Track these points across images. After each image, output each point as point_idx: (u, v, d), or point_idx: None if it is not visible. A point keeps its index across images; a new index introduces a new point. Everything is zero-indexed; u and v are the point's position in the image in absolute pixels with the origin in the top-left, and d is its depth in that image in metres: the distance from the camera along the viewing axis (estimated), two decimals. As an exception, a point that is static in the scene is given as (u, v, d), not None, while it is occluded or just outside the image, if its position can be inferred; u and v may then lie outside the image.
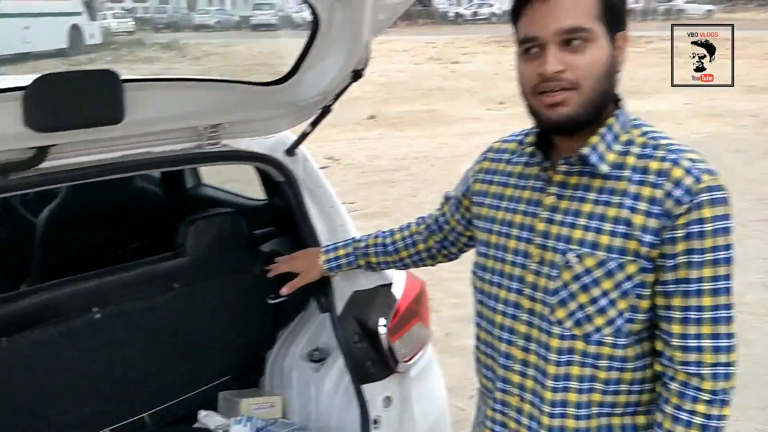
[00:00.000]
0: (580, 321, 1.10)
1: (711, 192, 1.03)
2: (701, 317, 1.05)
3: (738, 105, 11.48)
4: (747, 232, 5.30)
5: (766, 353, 3.48)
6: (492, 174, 1.28)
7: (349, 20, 1.38)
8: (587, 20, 1.04)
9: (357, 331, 1.69)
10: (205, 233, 1.91)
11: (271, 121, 1.76)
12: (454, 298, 4.29)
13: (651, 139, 1.10)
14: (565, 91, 1.04)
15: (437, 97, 13.38)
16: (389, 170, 7.65)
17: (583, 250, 1.09)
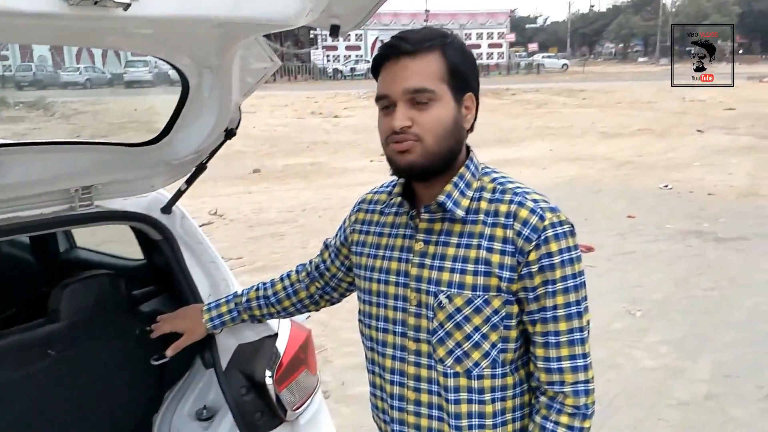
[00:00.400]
0: (459, 358, 1.18)
1: (554, 228, 1.15)
2: (559, 341, 1.17)
3: (595, 150, 12.72)
4: (611, 265, 5.85)
5: (634, 376, 3.82)
6: (368, 225, 1.34)
7: (218, 84, 1.44)
8: (431, 82, 1.14)
9: (244, 384, 1.70)
10: (80, 296, 1.84)
11: (145, 180, 1.76)
12: (347, 347, 4.33)
13: (499, 184, 1.21)
14: (410, 141, 1.14)
15: (320, 150, 13.62)
16: (277, 223, 7.63)
17: (452, 290, 1.17)
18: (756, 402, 3.52)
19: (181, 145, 1.67)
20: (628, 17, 72.94)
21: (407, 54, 1.14)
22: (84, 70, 38.82)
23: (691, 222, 7.25)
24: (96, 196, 1.70)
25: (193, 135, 1.62)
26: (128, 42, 1.22)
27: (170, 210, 1.85)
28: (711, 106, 20.10)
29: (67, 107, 23.54)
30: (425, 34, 1.16)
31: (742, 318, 4.63)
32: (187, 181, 1.77)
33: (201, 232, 1.91)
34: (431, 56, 1.14)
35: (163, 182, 1.81)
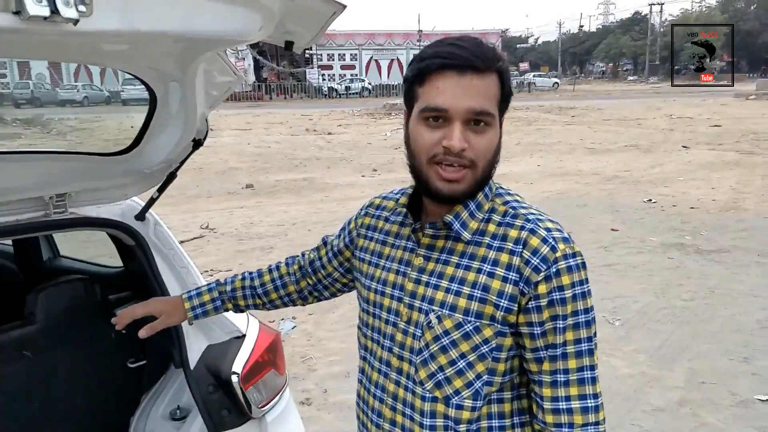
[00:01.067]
0: (440, 383, 1.12)
1: (567, 260, 1.07)
2: (569, 379, 1.08)
3: (583, 165, 12.87)
4: (594, 277, 5.87)
5: (611, 383, 3.88)
6: (373, 231, 1.29)
7: (184, 96, 1.52)
8: (492, 106, 1.07)
9: (211, 383, 1.77)
10: (55, 300, 1.91)
11: (118, 188, 1.85)
12: (331, 356, 4.40)
13: (511, 208, 1.14)
14: (463, 168, 1.07)
15: (313, 165, 13.73)
16: (266, 236, 7.70)
17: (443, 311, 1.11)
18: (729, 408, 3.59)
19: (152, 155, 1.75)
20: (618, 37, 73.94)
21: (476, 71, 1.05)
22: (81, 88, 39.05)
23: (674, 235, 7.35)
24: (70, 203, 1.78)
25: (162, 145, 1.71)
26: (90, 56, 1.31)
27: (144, 217, 1.93)
28: (697, 123, 20.34)
29: (64, 124, 23.69)
30: (488, 51, 1.08)
31: (718, 328, 4.71)
32: (159, 189, 1.85)
33: (174, 238, 1.99)
34: (493, 78, 1.07)
35: (136, 190, 1.89)
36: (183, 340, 1.81)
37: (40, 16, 0.84)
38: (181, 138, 1.66)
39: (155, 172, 1.81)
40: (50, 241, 2.91)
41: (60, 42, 1.02)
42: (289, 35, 1.37)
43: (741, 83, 40.75)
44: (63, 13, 0.86)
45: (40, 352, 1.90)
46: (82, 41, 1.05)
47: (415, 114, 1.10)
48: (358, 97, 45.19)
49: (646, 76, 65.05)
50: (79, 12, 0.88)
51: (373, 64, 55.63)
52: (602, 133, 18.76)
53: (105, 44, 1.10)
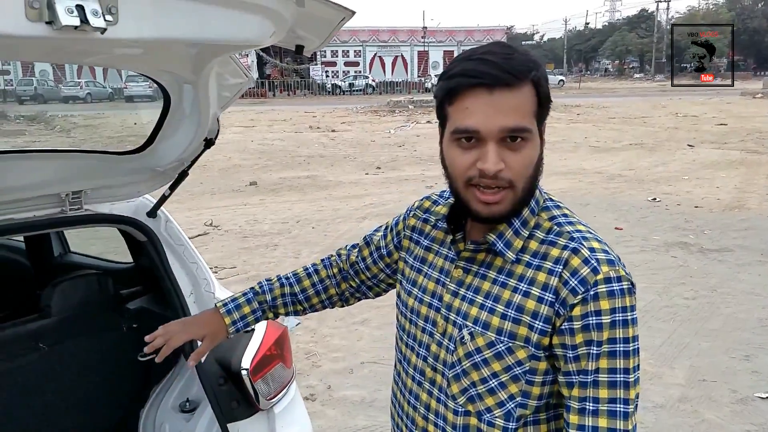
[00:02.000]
0: (473, 398, 1.09)
1: (609, 284, 0.99)
2: (597, 409, 1.00)
3: (586, 164, 12.88)
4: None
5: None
6: (419, 234, 1.26)
7: (197, 98, 1.57)
8: (528, 120, 1.01)
9: (221, 375, 1.82)
10: (70, 294, 1.97)
11: (131, 186, 1.90)
12: (334, 353, 4.46)
13: (557, 225, 1.08)
14: (501, 190, 1.02)
15: (317, 163, 13.78)
16: (270, 234, 7.76)
17: (476, 328, 1.07)
18: (729, 405, 3.63)
19: (165, 154, 1.81)
20: (624, 34, 73.73)
21: (505, 85, 0.98)
22: (85, 85, 39.23)
23: (677, 234, 7.38)
24: (85, 200, 1.84)
25: (175, 144, 1.76)
26: (111, 60, 1.36)
27: (155, 214, 1.98)
28: (703, 122, 20.31)
29: (67, 121, 23.80)
30: (520, 61, 1.00)
31: (719, 326, 4.75)
32: (171, 187, 1.91)
33: (184, 234, 2.05)
34: (526, 88, 1.00)
35: (148, 188, 1.95)
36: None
37: (71, 26, 0.89)
38: (193, 138, 1.71)
39: (167, 170, 1.87)
40: (61, 238, 2.98)
41: (86, 49, 1.07)
42: (300, 40, 1.42)
43: (747, 82, 40.69)
44: (92, 23, 0.91)
45: (55, 345, 1.96)
46: (107, 47, 1.10)
47: (447, 135, 1.06)
48: (362, 94, 45.21)
49: (652, 74, 64.92)
50: (106, 21, 0.94)
51: (377, 60, 55.64)
52: (607, 131, 18.76)
53: (126, 50, 1.16)
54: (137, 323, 2.15)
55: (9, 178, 1.62)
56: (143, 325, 2.20)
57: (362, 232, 7.81)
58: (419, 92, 44.31)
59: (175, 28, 1.09)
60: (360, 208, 9.14)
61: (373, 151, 15.41)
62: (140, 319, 2.14)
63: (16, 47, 0.99)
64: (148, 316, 2.14)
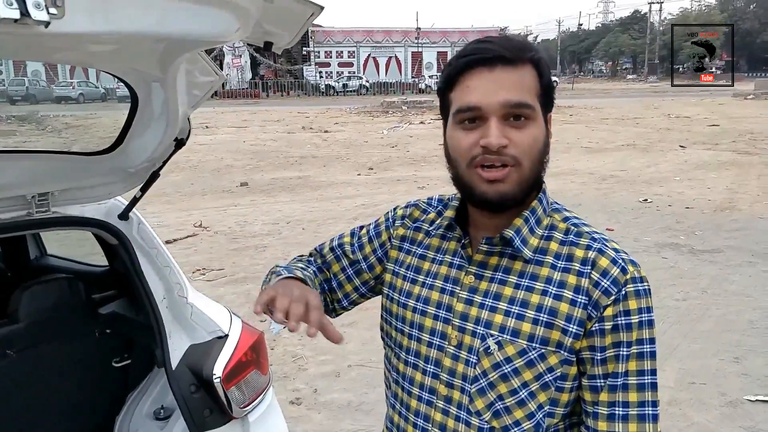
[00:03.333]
0: (498, 413, 1.03)
1: (636, 284, 0.99)
2: (628, 413, 0.99)
3: (578, 164, 12.88)
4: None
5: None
6: (411, 244, 1.18)
7: (166, 96, 1.52)
8: (530, 97, 0.99)
9: (192, 382, 1.77)
10: (40, 298, 1.92)
11: (102, 187, 1.85)
12: (321, 356, 4.41)
13: (573, 225, 1.06)
14: (505, 167, 0.98)
15: (309, 164, 13.73)
16: (260, 235, 7.70)
17: (504, 336, 1.01)
18: (719, 408, 3.60)
19: (135, 154, 1.75)
20: (617, 36, 74.02)
21: (506, 62, 0.98)
22: (77, 85, 39.06)
23: (668, 235, 7.37)
24: (53, 202, 1.78)
25: (145, 144, 1.71)
26: (69, 56, 1.31)
27: (127, 216, 1.93)
28: (695, 123, 20.37)
29: (59, 121, 23.67)
30: (519, 43, 1.01)
31: (709, 327, 4.73)
32: (142, 189, 1.85)
33: (157, 238, 1.99)
34: (527, 68, 1.00)
35: (120, 189, 1.89)
36: (165, 339, 1.81)
37: (9, 19, 0.84)
38: (163, 137, 1.66)
39: (139, 171, 1.81)
40: (38, 240, 2.91)
41: (33, 43, 1.02)
42: (269, 36, 1.36)
43: (740, 83, 40.79)
44: (34, 15, 0.86)
45: (24, 351, 1.90)
46: (58, 42, 1.05)
47: (450, 120, 1.03)
48: (356, 95, 45.19)
49: (645, 75, 65.16)
50: (50, 15, 0.88)
51: (370, 61, 55.57)
52: (599, 132, 18.79)
53: (83, 45, 1.10)
54: (110, 328, 2.10)
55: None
56: (116, 331, 2.14)
57: (353, 233, 7.77)
58: (413, 93, 44.33)
59: (130, 21, 1.04)
60: (351, 209, 9.09)
61: (366, 152, 15.36)
62: (113, 324, 2.09)
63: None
64: (121, 321, 2.08)
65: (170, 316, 1.86)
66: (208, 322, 1.88)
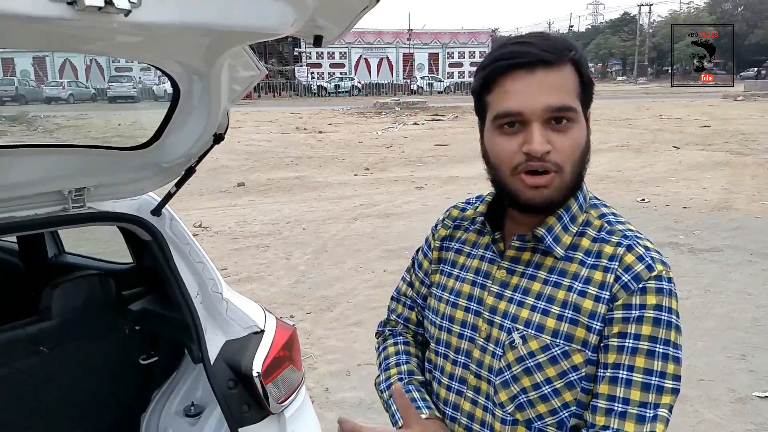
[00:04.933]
0: (522, 405, 1.02)
1: (660, 281, 0.96)
2: (626, 411, 0.94)
3: (574, 164, 12.95)
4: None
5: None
6: (449, 240, 1.20)
7: (208, 90, 1.52)
8: (572, 99, 0.97)
9: (231, 378, 1.76)
10: (71, 295, 1.90)
11: (136, 183, 1.84)
12: (330, 355, 4.40)
13: (607, 222, 1.04)
14: (549, 173, 0.97)
15: (305, 164, 13.71)
16: (261, 235, 7.67)
17: (528, 331, 1.01)
18: (728, 404, 3.63)
19: (172, 149, 1.74)
20: (607, 38, 74.50)
21: (546, 64, 0.95)
22: (67, 85, 38.76)
23: (667, 234, 7.42)
24: (88, 198, 1.77)
25: (183, 139, 1.70)
26: (123, 49, 1.30)
27: (160, 212, 1.92)
28: (687, 124, 20.54)
29: (50, 122, 23.45)
30: (557, 41, 0.99)
31: (714, 325, 4.77)
32: (177, 184, 1.85)
33: (189, 233, 1.98)
34: (567, 68, 0.98)
35: (153, 185, 1.88)
36: (202, 335, 1.80)
37: (94, 7, 0.84)
38: (202, 132, 1.65)
39: (174, 166, 1.80)
40: (56, 238, 2.89)
41: (106, 33, 1.01)
42: (319, 30, 1.37)
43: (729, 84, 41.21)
44: (117, 3, 0.86)
45: (56, 348, 1.89)
46: (125, 33, 1.04)
47: (488, 124, 1.01)
48: (348, 96, 45.16)
49: (635, 77, 65.63)
50: (131, 3, 0.88)
51: (362, 62, 55.60)
52: (593, 133, 18.83)
53: (145, 36, 1.10)
54: (139, 325, 2.09)
55: (10, 174, 1.55)
56: (145, 327, 2.13)
57: (353, 233, 7.79)
58: (405, 94, 44.37)
59: (199, 13, 1.04)
60: (350, 209, 9.08)
61: (361, 153, 15.36)
62: (142, 320, 2.07)
63: (33, 31, 0.93)
64: (151, 318, 2.07)
65: (205, 311, 1.85)
66: (244, 317, 1.88)
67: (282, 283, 5.91)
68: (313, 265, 6.46)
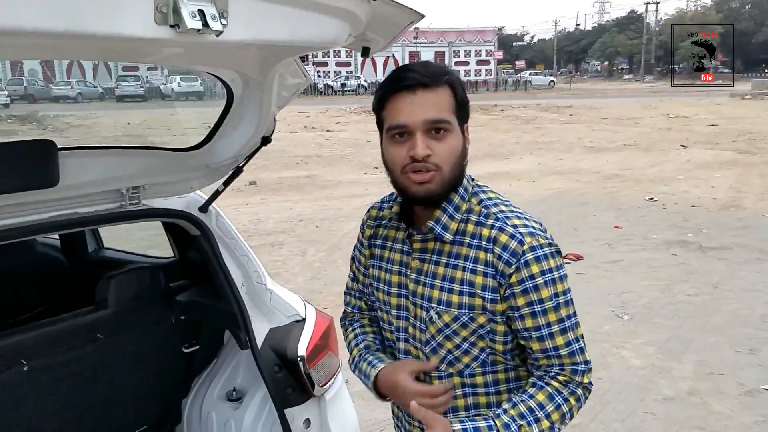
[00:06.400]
0: (451, 362, 1.29)
1: (534, 251, 1.20)
2: (560, 354, 1.23)
3: (582, 164, 13.03)
4: (599, 273, 6.09)
5: (622, 374, 4.04)
6: (374, 238, 1.43)
7: (260, 97, 1.64)
8: (447, 114, 1.21)
9: (276, 362, 1.89)
10: (125, 287, 2.04)
11: (186, 182, 1.96)
12: (346, 349, 4.53)
13: (484, 207, 1.27)
14: (430, 171, 1.20)
15: (314, 163, 13.83)
16: (275, 233, 7.81)
17: (441, 307, 1.26)
18: (737, 397, 3.74)
19: (222, 151, 1.87)
20: (613, 36, 74.20)
21: (424, 86, 1.20)
22: (75, 84, 39.00)
23: (676, 232, 7.52)
24: (143, 195, 1.89)
25: (234, 141, 1.83)
26: (190, 60, 1.43)
27: (207, 209, 2.05)
28: (694, 123, 20.57)
29: (59, 121, 23.65)
30: (435, 68, 1.23)
31: (724, 321, 4.87)
32: (225, 183, 1.97)
33: (234, 229, 2.11)
34: (443, 89, 1.22)
35: (201, 184, 2.01)
36: (249, 323, 1.93)
37: (194, 29, 0.96)
38: (252, 135, 1.78)
39: (221, 167, 1.93)
40: (96, 234, 3.03)
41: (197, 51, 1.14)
42: (367, 42, 1.49)
43: (737, 83, 41.11)
44: (212, 26, 0.98)
45: (111, 336, 2.02)
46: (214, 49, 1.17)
47: (384, 136, 1.26)
48: (354, 95, 45.24)
49: (641, 75, 65.50)
50: (222, 25, 1.01)
51: (368, 61, 55.63)
52: (600, 131, 18.95)
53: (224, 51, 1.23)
54: (184, 315, 2.22)
55: (77, 175, 1.68)
56: (190, 317, 2.27)
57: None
58: (411, 93, 44.16)
59: (272, 31, 1.16)
60: (362, 207, 9.11)
61: (370, 151, 15.45)
62: (188, 311, 2.21)
63: (140, 49, 1.05)
64: (197, 308, 2.20)
65: (250, 301, 1.98)
66: (286, 306, 2.01)
67: (298, 280, 6.04)
68: (328, 262, 6.58)
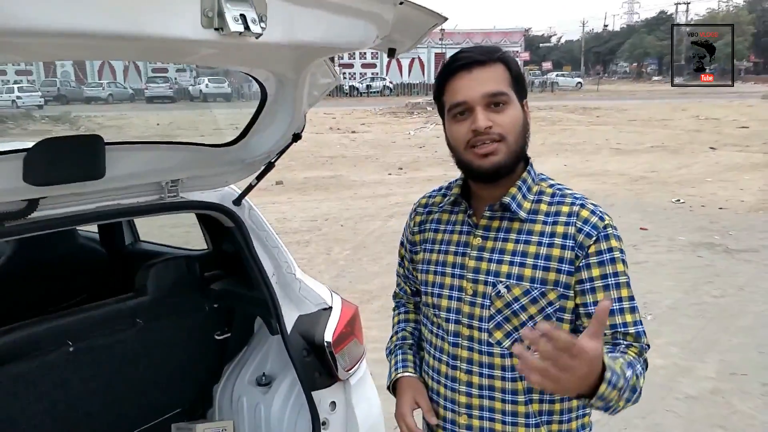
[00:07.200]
0: (517, 340, 1.27)
1: (613, 228, 1.27)
2: (629, 331, 1.24)
3: (609, 166, 12.93)
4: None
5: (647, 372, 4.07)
6: (424, 224, 1.46)
7: (292, 95, 1.74)
8: (504, 86, 1.26)
9: (305, 347, 2.00)
10: (163, 275, 2.16)
11: (221, 176, 2.08)
12: (371, 344, 4.60)
13: (558, 189, 1.33)
14: (494, 142, 1.24)
15: (340, 163, 13.98)
16: (301, 231, 7.95)
17: (511, 281, 1.27)
18: (760, 397, 3.74)
19: (256, 147, 1.98)
20: (642, 37, 73.02)
21: (479, 64, 1.26)
22: (107, 86, 39.90)
23: (703, 234, 7.45)
24: (181, 188, 2.01)
25: (267, 138, 1.94)
26: (230, 60, 1.54)
27: (240, 202, 2.16)
28: (725, 125, 20.22)
29: (91, 121, 24.21)
30: (487, 47, 1.30)
31: (748, 323, 4.84)
32: (257, 177, 2.08)
33: (266, 221, 2.22)
34: (498, 65, 1.27)
35: (236, 178, 2.12)
36: (280, 311, 2.04)
37: (236, 32, 1.06)
38: (285, 132, 1.88)
39: (255, 162, 2.04)
40: (132, 227, 3.17)
41: (237, 52, 1.24)
42: (393, 43, 1.58)
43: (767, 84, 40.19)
44: (252, 29, 1.08)
45: (150, 322, 2.14)
46: (253, 50, 1.27)
47: (446, 118, 1.31)
48: (380, 96, 45.40)
49: (671, 77, 64.39)
50: (262, 28, 1.11)
51: (393, 62, 55.77)
52: (628, 133, 18.75)
53: (260, 53, 1.32)
54: (218, 303, 2.34)
55: (122, 167, 1.80)
56: (223, 306, 2.38)
57: (390, 230, 7.99)
58: (436, 94, 44.15)
59: (307, 33, 1.26)
60: (386, 207, 9.30)
61: (395, 152, 15.56)
62: (221, 299, 2.32)
63: (186, 50, 1.16)
64: (230, 297, 2.32)
65: (280, 290, 2.09)
66: (314, 295, 2.12)
67: (323, 277, 6.15)
68: (353, 260, 6.69)
